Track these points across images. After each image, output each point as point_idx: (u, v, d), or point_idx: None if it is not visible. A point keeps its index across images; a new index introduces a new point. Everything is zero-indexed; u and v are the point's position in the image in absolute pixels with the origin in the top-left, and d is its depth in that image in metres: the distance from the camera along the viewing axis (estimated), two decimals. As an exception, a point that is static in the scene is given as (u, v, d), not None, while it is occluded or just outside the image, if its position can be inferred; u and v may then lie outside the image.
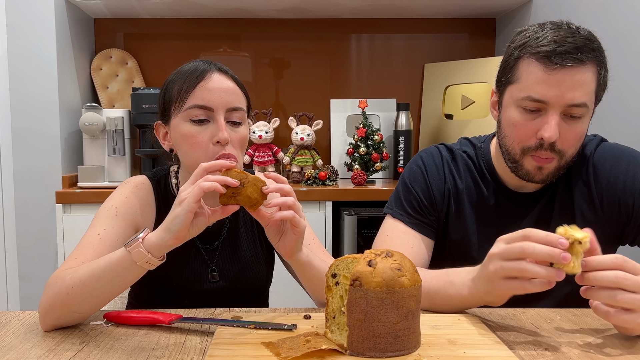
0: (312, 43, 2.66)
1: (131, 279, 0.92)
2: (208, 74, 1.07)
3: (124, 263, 0.89)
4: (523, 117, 1.05)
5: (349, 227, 2.07)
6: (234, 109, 1.07)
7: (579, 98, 1.01)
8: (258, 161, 2.36)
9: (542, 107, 1.03)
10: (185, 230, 0.87)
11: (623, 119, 1.75)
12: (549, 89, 1.01)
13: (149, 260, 0.88)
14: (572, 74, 1.00)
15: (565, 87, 1.00)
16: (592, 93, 1.03)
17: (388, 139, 2.59)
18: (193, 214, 0.87)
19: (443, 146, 1.25)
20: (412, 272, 0.80)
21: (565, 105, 1.02)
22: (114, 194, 1.12)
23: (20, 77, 2.18)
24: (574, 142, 1.06)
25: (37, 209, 2.20)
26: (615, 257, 0.83)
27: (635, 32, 1.69)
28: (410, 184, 1.21)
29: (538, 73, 1.02)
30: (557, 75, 1.00)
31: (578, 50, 1.00)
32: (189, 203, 0.86)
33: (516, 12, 2.49)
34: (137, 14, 2.54)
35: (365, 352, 0.78)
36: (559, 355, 0.83)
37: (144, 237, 0.89)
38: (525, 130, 1.06)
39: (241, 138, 1.08)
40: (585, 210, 1.13)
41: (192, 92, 1.05)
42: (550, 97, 1.01)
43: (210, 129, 1.05)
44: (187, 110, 1.05)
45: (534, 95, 1.03)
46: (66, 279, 0.92)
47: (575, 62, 1.00)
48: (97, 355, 0.82)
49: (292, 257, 0.98)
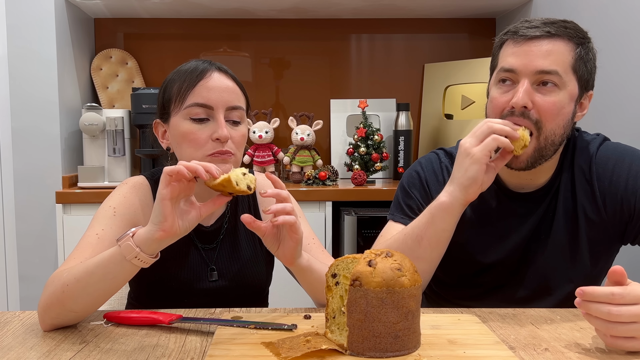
0: (312, 43, 2.66)
1: (123, 276, 0.90)
2: (208, 73, 1.07)
3: (115, 259, 0.88)
4: (498, 92, 1.09)
5: (349, 227, 2.07)
6: (233, 108, 1.07)
7: (547, 65, 1.04)
8: (258, 161, 2.36)
9: (514, 78, 1.07)
10: (169, 222, 0.85)
11: (623, 119, 1.75)
12: (517, 59, 1.06)
13: (137, 255, 0.86)
14: (539, 44, 1.05)
15: (533, 56, 1.05)
16: (566, 65, 1.05)
17: (388, 139, 2.59)
18: (169, 201, 0.84)
19: (442, 151, 1.25)
20: (412, 272, 0.80)
21: (533, 71, 1.04)
22: (112, 195, 1.12)
23: (20, 77, 2.17)
24: (551, 113, 1.05)
25: (37, 209, 2.20)
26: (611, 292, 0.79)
27: (636, 31, 1.69)
28: (408, 188, 1.22)
29: (509, 48, 1.09)
30: (525, 46, 1.06)
31: (546, 25, 1.06)
32: (159, 191, 0.85)
33: (516, 12, 2.49)
34: (137, 14, 2.54)
35: (365, 352, 0.78)
36: (559, 355, 0.83)
37: (135, 231, 0.88)
38: (499, 102, 1.09)
39: (240, 136, 1.09)
40: (588, 209, 1.13)
41: (192, 90, 1.06)
42: (518, 65, 1.05)
43: (210, 126, 1.05)
44: (187, 109, 1.06)
45: (504, 66, 1.08)
46: (62, 278, 0.92)
47: (542, 32, 1.05)
48: (97, 355, 0.82)
49: (292, 264, 0.98)
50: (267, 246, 0.97)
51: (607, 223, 1.13)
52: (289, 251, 0.95)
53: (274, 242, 0.96)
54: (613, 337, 0.81)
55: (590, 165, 1.14)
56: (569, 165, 1.15)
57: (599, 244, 1.14)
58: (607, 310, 0.79)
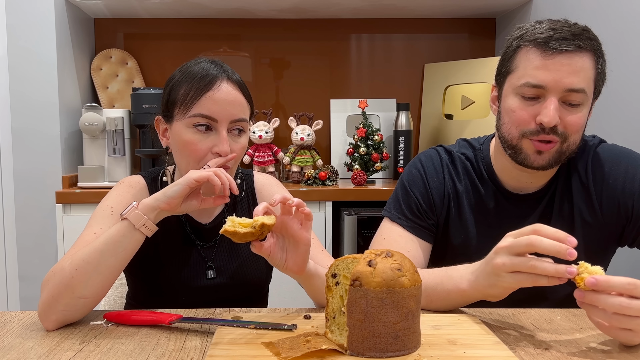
0: (312, 43, 2.66)
1: (132, 247, 0.96)
2: (217, 84, 1.06)
3: (123, 231, 0.95)
4: (522, 104, 1.05)
5: (349, 227, 2.07)
6: (237, 121, 1.08)
7: (577, 83, 1.01)
8: (258, 161, 2.36)
9: (541, 94, 1.03)
10: (178, 199, 0.97)
11: (623, 119, 1.75)
12: (547, 74, 1.01)
13: (145, 223, 0.96)
14: (569, 58, 1.01)
15: (564, 72, 1.01)
16: (590, 81, 1.03)
17: (388, 139, 2.59)
18: (190, 189, 0.96)
19: (442, 148, 1.24)
20: (412, 272, 0.80)
21: (563, 89, 1.01)
22: (109, 194, 1.13)
23: (20, 77, 2.18)
24: (577, 128, 1.05)
25: (37, 209, 2.20)
26: (627, 282, 0.79)
27: (635, 32, 1.69)
28: (409, 187, 1.20)
29: (536, 59, 1.03)
30: (555, 60, 1.01)
31: (575, 37, 1.01)
32: (190, 179, 0.96)
33: (516, 12, 2.49)
34: (137, 14, 2.54)
35: (365, 352, 0.78)
36: (559, 355, 0.83)
37: (137, 204, 0.97)
38: (523, 115, 1.05)
39: (240, 149, 1.10)
40: (585, 212, 1.13)
41: (199, 100, 1.05)
42: (549, 81, 1.01)
43: (212, 139, 1.06)
44: (191, 118, 1.06)
45: (532, 81, 1.03)
46: (65, 267, 0.93)
47: (573, 47, 1.01)
48: (97, 355, 0.82)
49: (303, 272, 0.96)
50: (274, 264, 0.95)
51: (603, 225, 1.13)
52: (300, 258, 0.93)
53: (280, 257, 0.94)
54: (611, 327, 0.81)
55: (586, 167, 1.14)
56: (565, 167, 1.15)
57: (596, 246, 1.14)
58: (618, 303, 0.78)
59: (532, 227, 0.86)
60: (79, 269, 0.92)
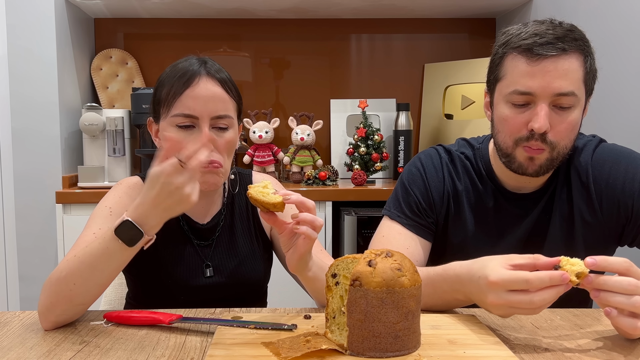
0: (312, 43, 2.66)
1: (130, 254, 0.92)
2: (195, 80, 1.06)
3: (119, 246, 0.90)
4: (513, 112, 1.06)
5: (349, 227, 2.07)
6: (219, 117, 1.07)
7: (566, 87, 1.01)
8: (258, 161, 2.36)
9: (530, 100, 1.03)
10: None
11: (623, 119, 1.75)
12: (534, 81, 1.01)
13: None
14: (555, 63, 1.01)
15: (551, 77, 1.01)
16: (579, 82, 1.03)
17: (388, 139, 2.59)
18: None
19: (441, 147, 1.25)
20: (412, 272, 0.80)
21: (552, 94, 1.01)
22: (107, 195, 1.13)
23: (20, 77, 2.18)
24: (566, 132, 1.05)
25: (37, 209, 2.20)
26: (624, 260, 0.83)
27: (635, 32, 1.69)
28: (408, 185, 1.20)
29: (522, 66, 1.03)
30: (541, 66, 1.01)
31: (559, 40, 1.01)
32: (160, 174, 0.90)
33: (516, 12, 2.49)
34: (137, 14, 2.54)
35: (365, 352, 0.78)
36: (559, 355, 0.83)
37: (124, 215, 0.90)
38: (515, 123, 1.06)
39: (226, 143, 1.09)
40: (584, 211, 1.13)
41: (179, 99, 1.06)
42: (536, 88, 1.01)
43: (195, 135, 1.06)
44: (173, 117, 1.06)
45: (520, 89, 1.03)
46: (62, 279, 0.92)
47: (558, 51, 1.00)
48: (97, 355, 0.82)
49: (296, 272, 0.98)
50: (281, 244, 0.96)
51: (603, 225, 1.13)
52: (298, 256, 0.94)
53: (288, 242, 0.95)
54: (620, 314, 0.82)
55: (586, 167, 1.14)
56: (565, 167, 1.15)
57: (595, 246, 1.14)
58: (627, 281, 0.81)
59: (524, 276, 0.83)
60: (77, 284, 0.91)
